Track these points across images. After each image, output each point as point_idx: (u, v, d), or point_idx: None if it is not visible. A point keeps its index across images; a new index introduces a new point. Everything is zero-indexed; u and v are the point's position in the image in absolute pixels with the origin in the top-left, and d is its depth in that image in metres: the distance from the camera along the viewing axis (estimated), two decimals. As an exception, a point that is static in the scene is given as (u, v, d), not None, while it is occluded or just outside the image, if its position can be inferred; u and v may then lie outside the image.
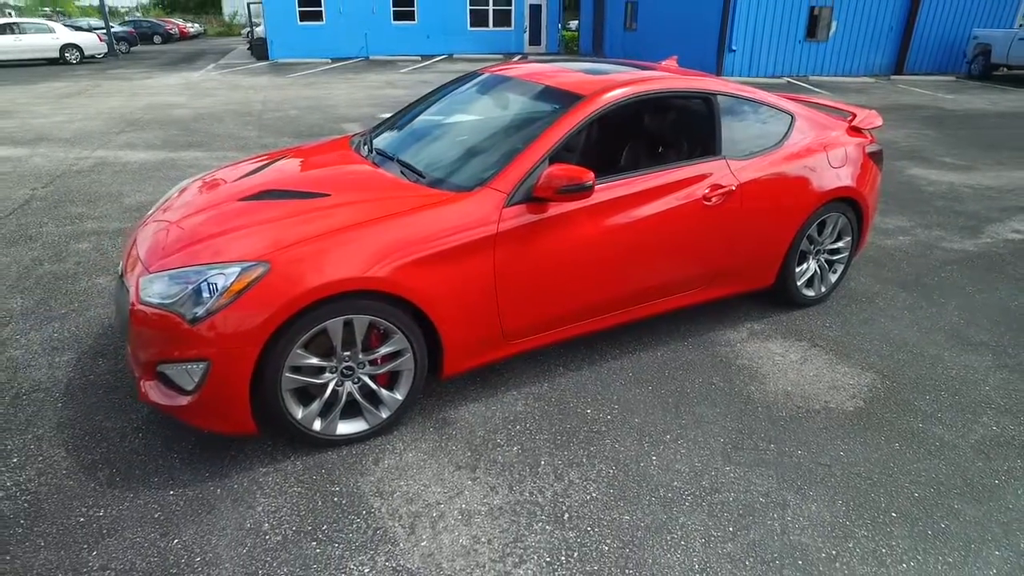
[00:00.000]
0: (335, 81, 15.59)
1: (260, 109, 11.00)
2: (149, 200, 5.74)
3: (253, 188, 2.80)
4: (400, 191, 2.62)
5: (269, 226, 2.40)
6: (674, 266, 3.10)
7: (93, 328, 3.44)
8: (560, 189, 2.46)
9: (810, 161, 3.41)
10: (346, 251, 2.26)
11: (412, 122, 3.45)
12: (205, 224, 2.53)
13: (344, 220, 2.37)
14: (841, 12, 18.00)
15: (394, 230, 2.35)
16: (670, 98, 3.00)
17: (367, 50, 22.80)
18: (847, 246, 3.79)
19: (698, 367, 3.14)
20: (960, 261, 4.58)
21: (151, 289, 2.28)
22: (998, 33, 17.75)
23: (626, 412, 2.78)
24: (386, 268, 2.29)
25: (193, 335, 2.15)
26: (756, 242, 3.35)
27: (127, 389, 2.88)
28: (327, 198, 2.57)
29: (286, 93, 13.25)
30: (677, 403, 2.85)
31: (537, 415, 2.74)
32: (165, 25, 35.26)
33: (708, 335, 3.45)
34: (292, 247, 2.23)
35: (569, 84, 2.96)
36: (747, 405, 2.84)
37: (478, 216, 2.47)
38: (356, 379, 2.45)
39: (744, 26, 17.40)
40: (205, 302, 2.15)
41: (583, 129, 2.71)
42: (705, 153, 3.13)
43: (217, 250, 2.31)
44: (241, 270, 2.17)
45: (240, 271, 2.16)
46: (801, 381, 3.04)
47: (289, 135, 8.71)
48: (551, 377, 3.02)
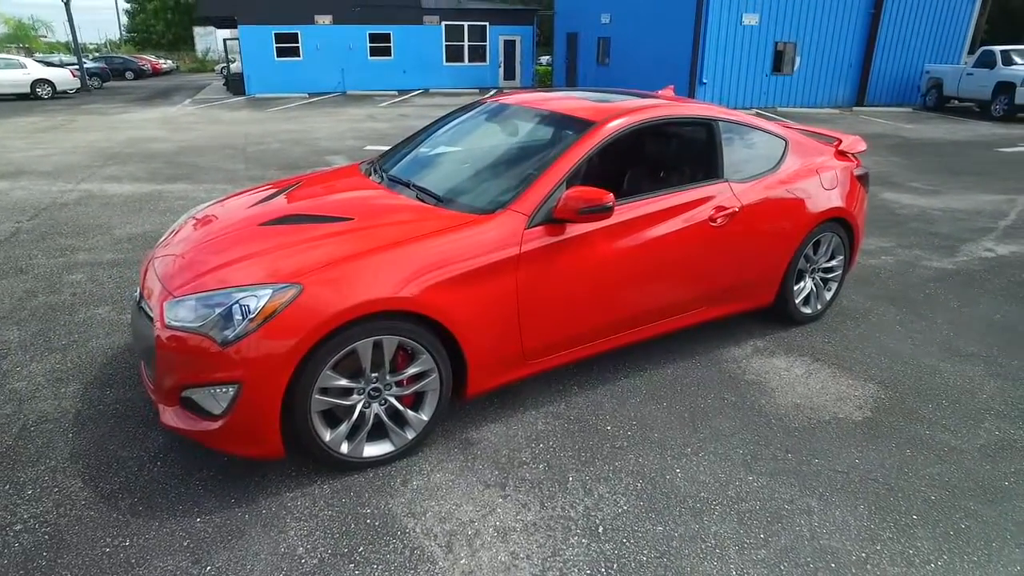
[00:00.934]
0: (315, 115, 15.69)
1: (243, 143, 11.00)
2: (141, 232, 5.69)
3: (274, 213, 2.83)
4: (421, 215, 2.67)
5: (296, 249, 2.42)
6: (683, 285, 3.19)
7: (97, 358, 3.38)
8: (581, 210, 2.55)
9: (805, 184, 3.57)
10: (375, 272, 2.30)
11: (422, 149, 3.52)
12: (230, 248, 2.54)
13: (371, 242, 2.41)
14: (804, 48, 18.88)
15: (421, 252, 2.40)
16: (675, 124, 3.14)
17: (344, 85, 23.04)
18: (840, 264, 3.95)
19: (708, 383, 3.22)
20: (941, 278, 4.78)
21: (178, 313, 2.28)
22: (948, 68, 18.79)
23: (645, 428, 2.82)
24: (415, 289, 2.33)
25: (224, 358, 2.15)
26: (757, 261, 3.47)
27: (140, 418, 2.84)
28: (351, 222, 2.61)
29: (267, 127, 13.28)
30: (693, 418, 2.91)
31: (559, 433, 2.77)
32: (137, 61, 35.18)
33: (714, 352, 3.53)
34: (322, 269, 2.26)
35: (579, 111, 3.07)
36: (760, 417, 2.92)
37: (501, 238, 2.54)
38: (383, 400, 2.46)
39: (714, 61, 18.10)
40: (236, 324, 2.16)
41: (596, 154, 2.82)
42: (708, 177, 3.26)
43: (246, 273, 2.32)
44: (273, 292, 2.18)
45: (272, 293, 2.18)
46: (809, 394, 3.13)
47: (276, 167, 8.73)
48: (567, 396, 3.06)
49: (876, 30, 19.26)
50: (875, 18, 19.18)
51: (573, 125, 2.97)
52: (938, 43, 20.70)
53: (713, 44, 17.93)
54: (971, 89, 17.37)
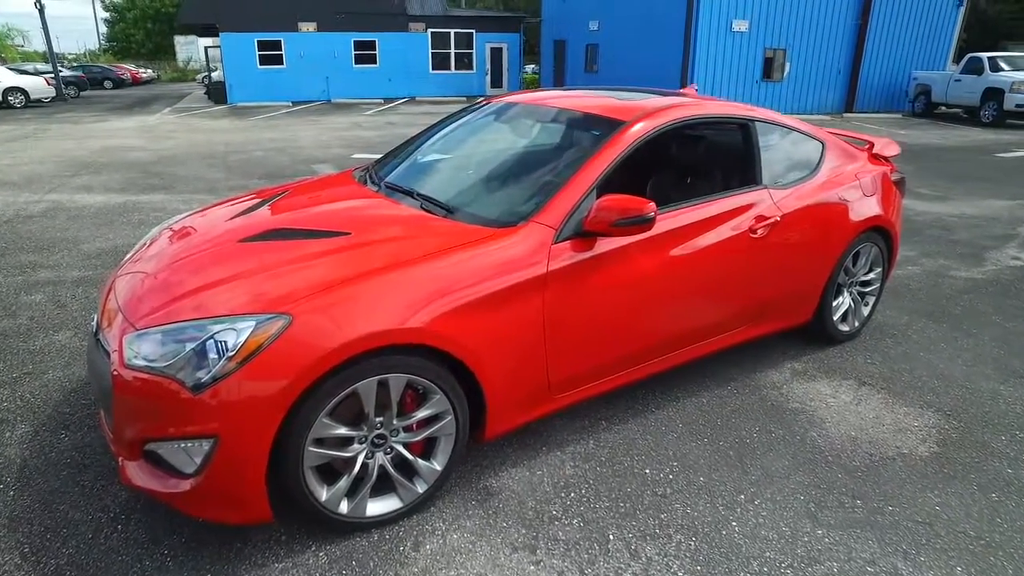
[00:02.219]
0: (299, 123, 15.25)
1: (224, 151, 10.55)
2: (111, 247, 5.24)
3: (256, 227, 2.44)
4: (430, 228, 2.30)
5: (283, 271, 2.03)
6: (721, 304, 2.85)
7: (52, 395, 2.95)
8: (617, 222, 2.19)
9: (846, 190, 3.25)
10: (379, 298, 1.92)
11: (423, 154, 3.15)
12: (203, 270, 2.15)
13: (372, 262, 2.03)
14: (793, 55, 18.82)
15: (433, 273, 2.03)
16: (711, 124, 2.81)
17: (328, 93, 22.60)
18: (878, 277, 3.63)
19: (749, 413, 2.87)
20: (974, 290, 4.49)
21: (140, 349, 1.88)
22: (936, 75, 18.84)
23: (688, 470, 2.46)
24: (426, 317, 1.95)
25: (196, 406, 1.76)
26: (797, 276, 3.14)
27: (100, 468, 2.42)
28: (347, 237, 2.22)
29: (249, 136, 12.83)
30: (740, 456, 2.55)
31: (591, 479, 2.40)
32: (116, 70, 34.42)
33: (750, 377, 3.19)
34: (315, 295, 1.88)
35: (605, 109, 2.72)
36: (815, 455, 2.57)
37: (525, 254, 2.17)
38: (388, 449, 2.07)
39: (704, 67, 17.97)
40: (211, 365, 1.77)
41: (626, 158, 2.46)
42: (745, 183, 2.93)
43: (222, 301, 1.93)
44: (256, 324, 1.80)
45: (255, 325, 1.79)
46: (863, 425, 2.79)
47: (258, 176, 8.30)
48: (595, 432, 2.69)
49: (864, 38, 19.26)
50: (863, 26, 19.19)
51: (599, 125, 2.61)
52: (924, 51, 20.78)
53: (703, 51, 17.79)
54: (959, 95, 17.39)
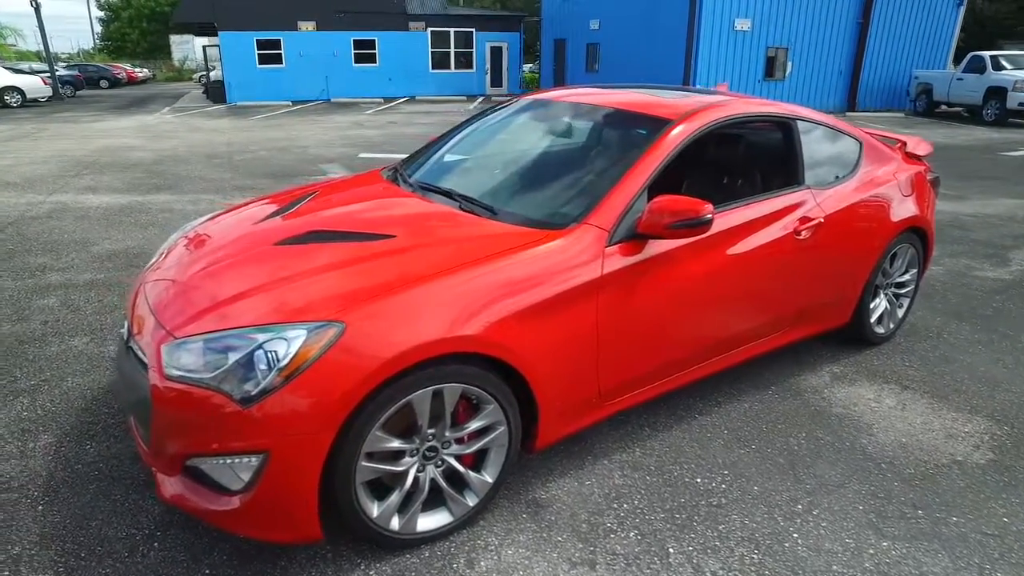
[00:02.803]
0: (300, 123, 15.13)
1: (227, 151, 10.43)
2: (122, 248, 5.13)
3: (292, 230, 2.34)
4: (478, 230, 2.21)
5: (331, 275, 1.95)
6: (766, 307, 2.78)
7: (74, 403, 2.85)
8: (672, 224, 2.11)
9: (885, 190, 3.18)
10: (435, 305, 1.83)
11: (456, 153, 3.07)
12: (242, 275, 2.06)
13: (425, 266, 1.95)
14: (795, 54, 18.80)
15: (488, 277, 1.94)
16: (755, 122, 2.73)
17: (328, 93, 22.47)
18: (913, 279, 3.57)
19: (794, 419, 2.79)
20: (1002, 290, 4.44)
21: (181, 359, 1.79)
22: (937, 74, 18.84)
23: (739, 478, 2.39)
24: (482, 324, 1.87)
25: (245, 420, 1.67)
26: (838, 278, 3.07)
27: (131, 481, 2.33)
28: (392, 240, 2.13)
29: (251, 135, 12.71)
30: (791, 464, 2.48)
31: (641, 489, 2.32)
32: (112, 69, 34.19)
33: (790, 381, 3.11)
34: (368, 301, 1.79)
35: (648, 107, 2.64)
36: (867, 462, 2.50)
37: (579, 257, 2.09)
38: (439, 461, 1.99)
39: (707, 67, 17.92)
40: (260, 377, 1.68)
41: (675, 156, 2.38)
42: (787, 183, 2.85)
43: (269, 307, 1.84)
44: (307, 333, 1.71)
45: (306, 334, 1.70)
46: (912, 431, 2.72)
47: (265, 176, 8.19)
48: (639, 440, 2.62)
49: (865, 37, 19.25)
50: (864, 26, 19.18)
51: (645, 123, 2.53)
52: (924, 50, 20.80)
53: (706, 50, 17.75)
54: (961, 94, 17.39)
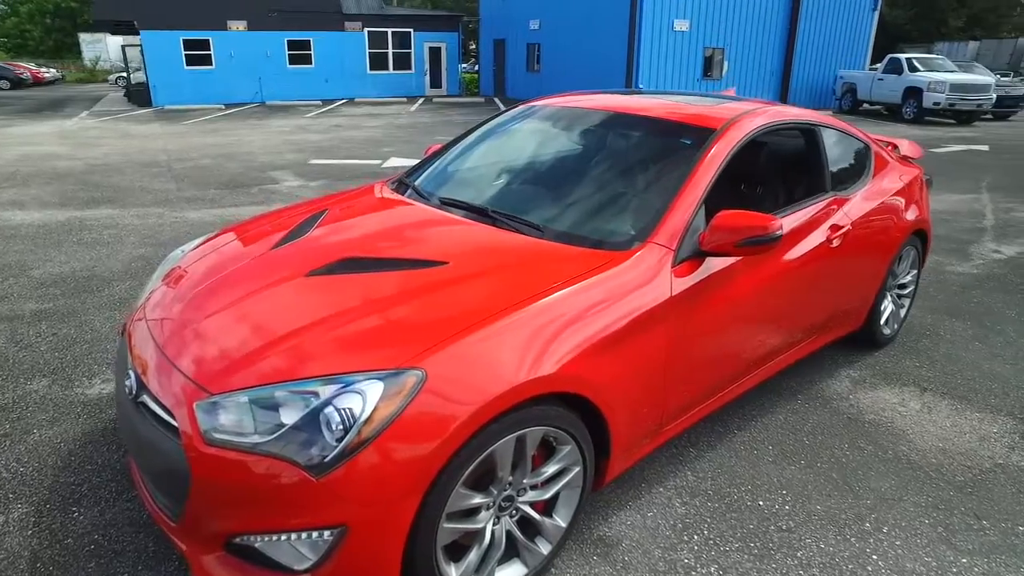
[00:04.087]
0: (239, 127, 14.36)
1: (165, 159, 9.73)
2: (69, 271, 4.63)
3: (321, 257, 2.09)
4: (535, 253, 2.03)
5: (390, 312, 1.73)
6: (803, 315, 2.75)
7: (46, 460, 2.48)
8: (741, 241, 2.00)
9: (896, 194, 3.22)
10: (517, 341, 1.65)
11: (475, 165, 2.87)
12: (280, 312, 1.81)
13: (493, 297, 1.76)
14: (731, 54, 19.43)
15: (564, 306, 1.78)
16: (786, 129, 2.68)
17: (262, 95, 21.48)
18: (913, 279, 3.64)
19: (831, 429, 2.77)
20: (976, 285, 4.63)
21: (222, 420, 1.53)
22: (860, 74, 19.96)
23: (800, 498, 2.32)
24: (564, 359, 1.70)
25: (317, 491, 1.43)
26: (859, 283, 3.08)
27: (137, 553, 2.02)
28: (446, 267, 1.93)
29: (188, 141, 11.94)
30: (845, 479, 2.44)
31: (707, 517, 2.21)
32: (15, 69, 31.55)
33: (813, 389, 3.10)
34: (447, 342, 1.59)
35: (685, 115, 2.53)
36: (915, 471, 2.49)
37: (648, 280, 1.96)
38: (513, 510, 1.81)
39: (648, 66, 18.26)
40: (334, 438, 1.44)
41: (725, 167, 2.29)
42: (816, 191, 2.82)
43: (325, 352, 1.61)
44: (384, 383, 1.49)
45: (384, 385, 1.49)
46: (945, 435, 2.74)
47: (214, 186, 7.66)
48: (687, 462, 2.51)
49: (793, 39, 20.13)
50: (792, 29, 20.06)
51: (688, 133, 2.42)
52: (845, 52, 21.95)
53: (647, 49, 18.08)
54: (883, 93, 18.47)
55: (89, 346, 3.47)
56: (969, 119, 17.21)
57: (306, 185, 7.80)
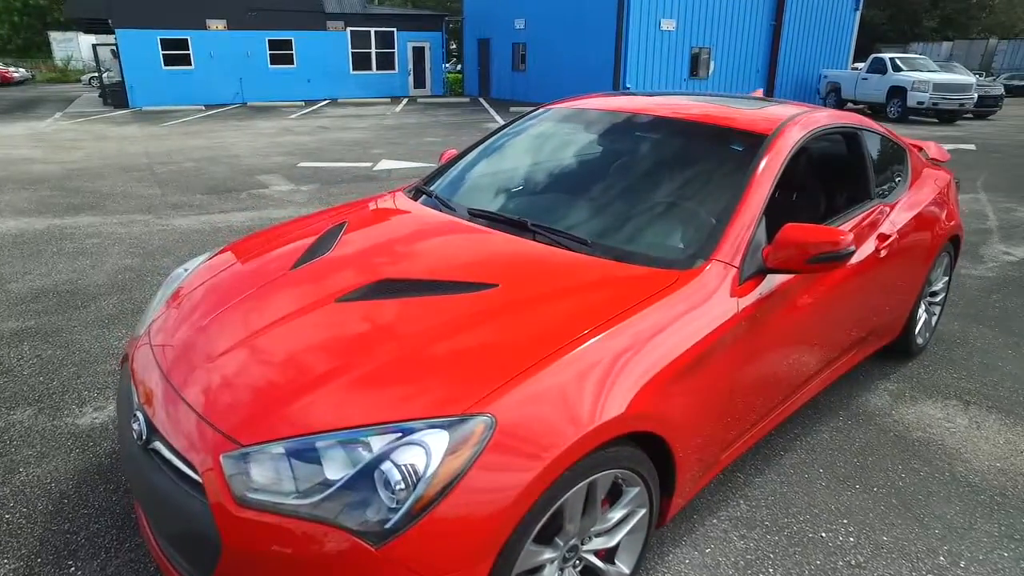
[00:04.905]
0: (222, 129, 13.98)
1: (147, 162, 9.38)
2: (51, 285, 4.34)
3: (350, 279, 1.88)
4: (591, 273, 1.84)
5: (443, 344, 1.53)
6: (854, 327, 2.61)
7: (36, 504, 2.24)
8: (812, 259, 1.84)
9: (934, 201, 3.09)
10: (587, 378, 1.46)
11: (502, 172, 2.68)
12: (310, 345, 1.60)
13: (559, 327, 1.56)
14: (717, 54, 19.46)
15: (632, 335, 1.59)
16: (832, 134, 2.53)
17: (243, 96, 21.02)
18: (944, 287, 3.53)
19: (880, 449, 2.62)
20: (994, 289, 4.54)
21: (258, 476, 1.32)
22: (844, 74, 20.10)
23: (864, 528, 2.17)
24: (637, 394, 1.52)
25: (378, 564, 1.23)
26: (900, 293, 2.95)
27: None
28: (496, 290, 1.73)
29: (169, 143, 11.56)
30: (905, 505, 2.29)
31: (769, 553, 2.05)
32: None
33: (854, 404, 2.96)
34: (515, 382, 1.39)
35: (731, 119, 2.36)
36: (979, 495, 2.35)
37: (716, 301, 1.78)
38: (577, 560, 1.63)
39: (636, 66, 18.20)
40: (394, 500, 1.24)
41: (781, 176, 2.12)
42: (861, 198, 2.68)
43: (374, 394, 1.41)
44: (451, 432, 1.29)
45: (449, 435, 1.29)
46: (1000, 453, 2.61)
47: (200, 191, 7.36)
48: (736, 489, 2.35)
49: (778, 39, 20.24)
50: (777, 28, 20.15)
51: (738, 139, 2.25)
52: (829, 51, 22.15)
53: (635, 49, 18.02)
54: (867, 93, 18.60)
55: (77, 369, 3.22)
56: (952, 118, 17.40)
57: (297, 189, 7.54)
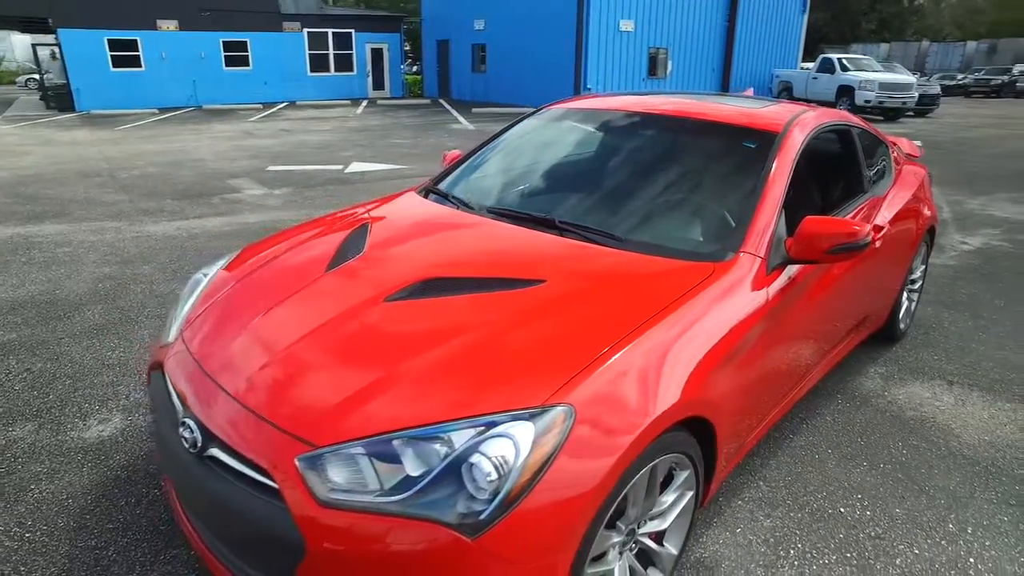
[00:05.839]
0: (180, 133, 13.57)
1: (106, 167, 9.04)
2: (24, 297, 4.16)
3: (394, 279, 1.90)
4: (632, 267, 1.90)
5: (504, 339, 1.57)
6: (853, 314, 2.76)
7: (55, 520, 2.17)
8: (831, 249, 1.95)
9: (916, 193, 3.29)
10: (650, 366, 1.53)
11: (517, 172, 2.72)
12: (369, 344, 1.62)
13: (615, 319, 1.62)
14: (674, 54, 19.92)
15: (680, 326, 1.66)
16: (829, 132, 2.66)
17: (197, 99, 20.43)
18: (922, 275, 3.74)
19: (880, 428, 2.78)
20: (959, 276, 4.82)
21: (337, 477, 1.33)
22: (795, 73, 20.89)
23: (877, 501, 2.30)
24: (690, 381, 1.60)
25: (475, 555, 1.26)
26: (889, 281, 3.13)
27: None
28: (545, 286, 1.78)
29: (127, 148, 11.16)
30: (911, 479, 2.44)
31: (795, 529, 2.16)
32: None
33: (848, 387, 3.12)
34: (586, 372, 1.44)
35: (744, 118, 2.46)
36: (975, 467, 2.52)
37: (748, 290, 1.88)
38: (633, 544, 1.69)
39: (596, 66, 18.47)
40: (488, 491, 1.27)
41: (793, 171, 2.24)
42: (857, 192, 2.83)
43: (447, 390, 1.44)
44: (535, 423, 1.33)
45: (534, 426, 1.33)
46: (988, 427, 2.80)
47: (171, 197, 7.15)
48: (754, 471, 2.46)
49: (732, 39, 20.86)
50: (730, 29, 20.76)
51: (750, 137, 2.36)
52: (779, 51, 22.95)
53: (595, 49, 18.30)
54: (817, 91, 19.35)
55: (72, 381, 3.11)
56: (895, 116, 18.26)
57: (270, 193, 7.40)
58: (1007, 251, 5.50)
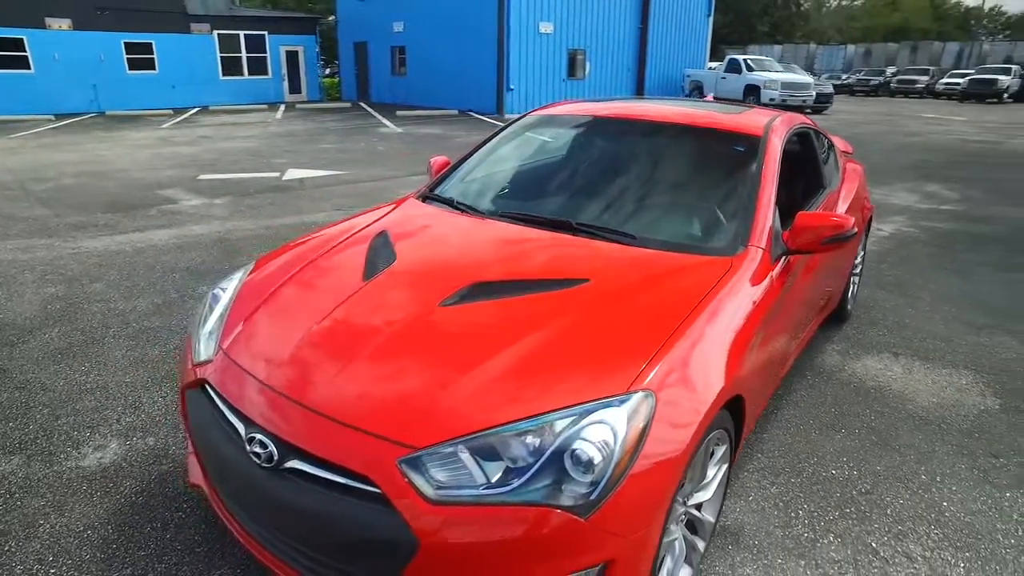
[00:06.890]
0: (86, 141, 12.64)
1: (14, 180, 8.33)
2: (-29, 325, 3.84)
3: (441, 285, 1.97)
4: (661, 265, 2.07)
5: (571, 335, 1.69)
6: (821, 297, 3.07)
7: (79, 553, 2.09)
8: (826, 239, 2.21)
9: (859, 186, 3.68)
10: (703, 353, 1.71)
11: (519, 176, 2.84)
12: (443, 348, 1.69)
13: (665, 313, 1.78)
14: (592, 56, 20.55)
15: (719, 315, 1.85)
16: (799, 133, 2.96)
17: (99, 104, 19.03)
18: (861, 261, 4.18)
19: (848, 398, 3.12)
20: (881, 260, 5.38)
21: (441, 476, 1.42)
22: (705, 73, 22.13)
23: (860, 462, 2.61)
24: (731, 363, 1.79)
25: (587, 532, 1.38)
26: (844, 266, 3.48)
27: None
28: (590, 284, 1.92)
29: (28, 158, 10.30)
30: (883, 440, 2.77)
31: (799, 493, 2.41)
32: None
33: (813, 365, 3.45)
34: (656, 360, 1.59)
35: (727, 124, 2.71)
36: (929, 425, 2.89)
37: (760, 280, 2.10)
38: (682, 515, 1.87)
39: (518, 68, 18.76)
40: (593, 474, 1.39)
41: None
42: (819, 188, 3.15)
43: (531, 385, 1.54)
44: (625, 409, 1.46)
45: (626, 411, 1.46)
46: (931, 391, 3.20)
47: (100, 210, 6.71)
48: (750, 445, 2.71)
49: (645, 41, 21.76)
50: (643, 31, 21.66)
51: (737, 140, 2.60)
52: (688, 52, 24.16)
53: (516, 51, 18.57)
54: (726, 90, 20.58)
55: (50, 409, 2.95)
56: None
57: (211, 203, 7.11)
58: (916, 236, 6.17)
